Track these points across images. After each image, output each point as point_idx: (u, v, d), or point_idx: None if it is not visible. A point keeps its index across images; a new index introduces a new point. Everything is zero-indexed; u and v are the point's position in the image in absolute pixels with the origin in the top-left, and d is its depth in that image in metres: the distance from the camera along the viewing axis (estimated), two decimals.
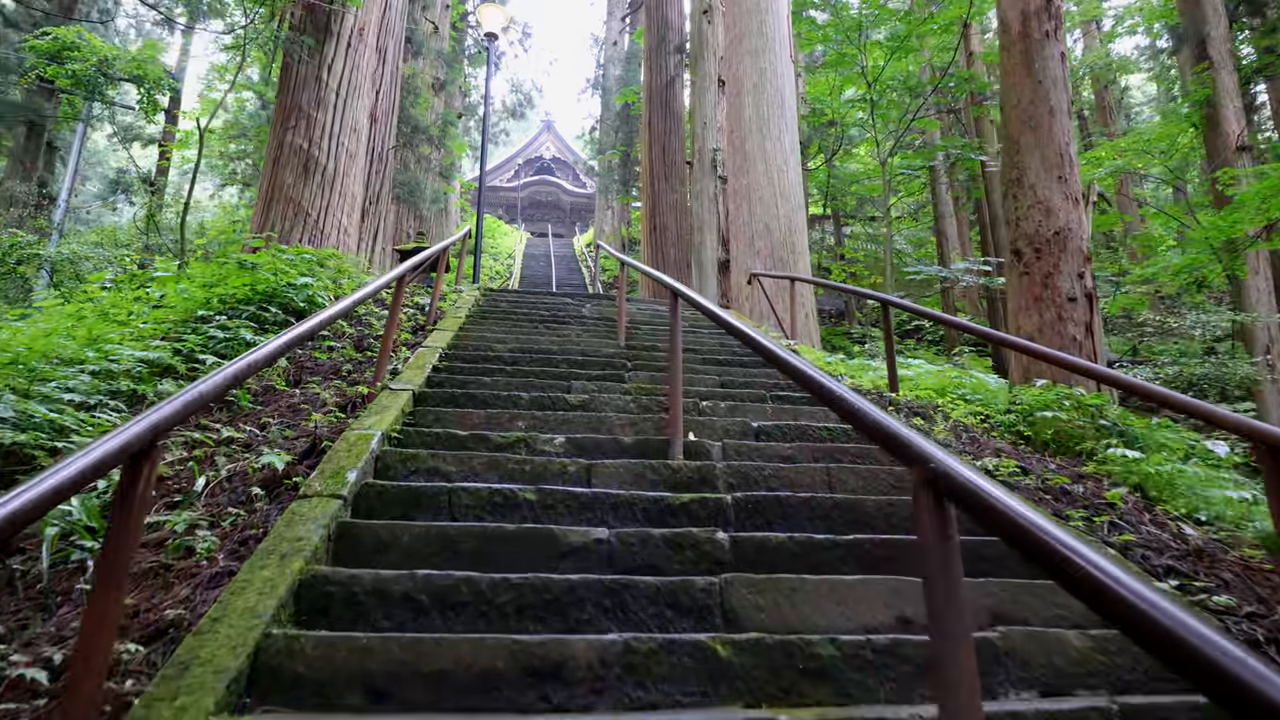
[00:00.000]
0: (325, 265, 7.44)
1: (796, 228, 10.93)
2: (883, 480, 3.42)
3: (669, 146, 16.82)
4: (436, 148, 16.91)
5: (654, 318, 7.29)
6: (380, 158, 12.73)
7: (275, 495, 2.99)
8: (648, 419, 3.96)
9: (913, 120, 15.95)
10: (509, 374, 4.70)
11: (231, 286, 6.27)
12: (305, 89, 9.14)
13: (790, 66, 11.95)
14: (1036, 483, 3.52)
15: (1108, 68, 23.58)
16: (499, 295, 7.76)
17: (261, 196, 8.89)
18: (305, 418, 4.10)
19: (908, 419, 4.50)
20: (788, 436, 3.99)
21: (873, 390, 5.24)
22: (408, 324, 6.12)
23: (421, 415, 3.81)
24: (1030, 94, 6.40)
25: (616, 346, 5.67)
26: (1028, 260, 6.08)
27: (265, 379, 4.87)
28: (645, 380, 4.83)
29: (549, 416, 3.87)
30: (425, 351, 4.99)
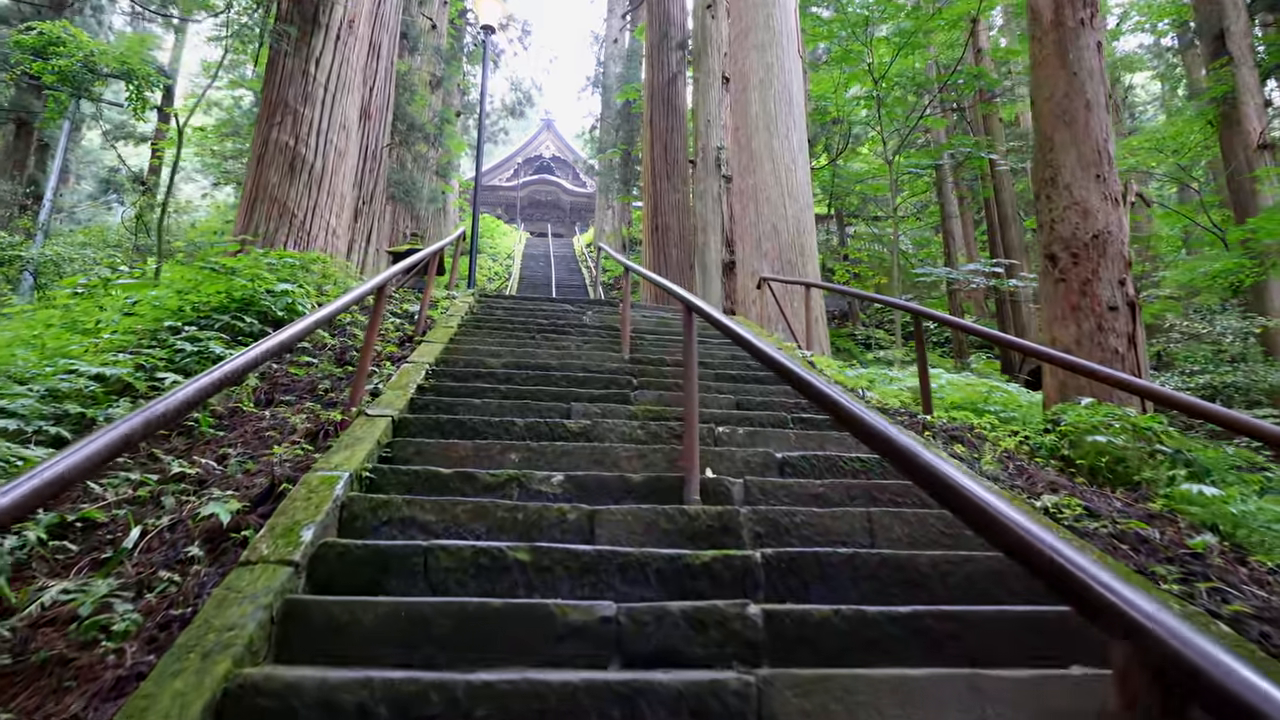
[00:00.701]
0: (310, 270, 6.94)
1: (805, 228, 10.43)
2: (932, 527, 2.93)
3: (671, 145, 16.31)
4: (433, 146, 16.39)
5: (659, 326, 6.79)
6: (374, 156, 12.23)
7: (218, 554, 2.49)
8: (658, 450, 3.46)
9: (920, 118, 15.45)
10: (502, 394, 4.20)
11: (205, 294, 5.78)
12: (292, 83, 8.63)
13: (798, 61, 11.44)
14: (1108, 528, 3.02)
15: (1114, 65, 23.07)
16: (494, 301, 7.26)
17: (245, 197, 8.38)
18: (271, 447, 3.61)
19: (946, 446, 4.01)
20: (817, 470, 3.49)
21: (902, 410, 4.75)
22: (395, 334, 5.62)
23: (400, 448, 3.31)
24: (1065, 87, 5.90)
25: (621, 360, 5.18)
26: (1064, 266, 5.58)
27: (234, 397, 4.38)
28: (653, 401, 4.33)
29: (546, 448, 3.37)
30: (410, 368, 4.49)
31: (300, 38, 8.68)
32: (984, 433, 4.50)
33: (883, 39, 15.99)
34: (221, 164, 19.17)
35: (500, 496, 2.97)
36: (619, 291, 20.59)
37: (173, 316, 5.66)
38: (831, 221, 23.01)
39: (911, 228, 25.39)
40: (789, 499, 3.13)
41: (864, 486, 3.25)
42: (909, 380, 6.85)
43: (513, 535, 2.66)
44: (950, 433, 4.24)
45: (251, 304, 5.79)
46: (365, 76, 12.13)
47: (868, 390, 5.52)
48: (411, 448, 3.30)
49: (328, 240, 8.33)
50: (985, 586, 2.57)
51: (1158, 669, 0.78)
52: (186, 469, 3.25)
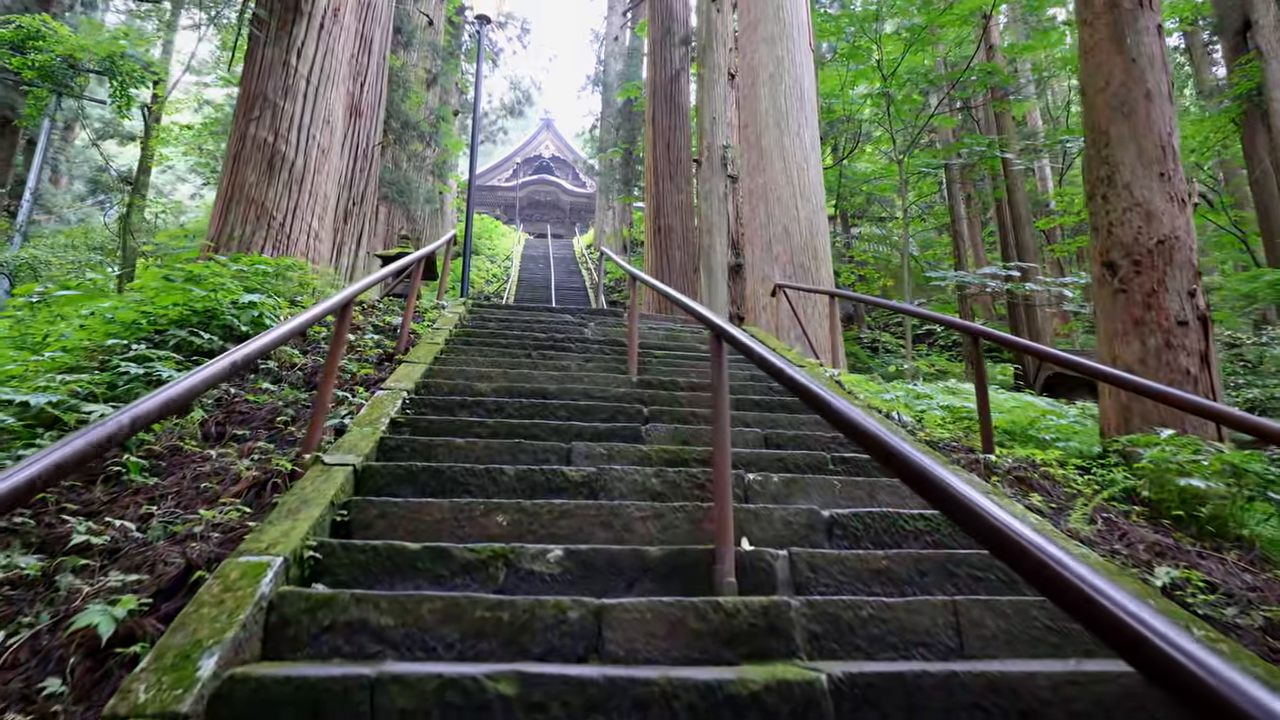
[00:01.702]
0: (286, 277, 6.27)
1: (818, 230, 9.76)
2: (1033, 621, 2.26)
3: (674, 144, 15.62)
4: (429, 145, 15.71)
5: (668, 340, 6.11)
6: (365, 155, 11.55)
7: (94, 684, 1.83)
8: (679, 509, 2.78)
9: (931, 116, 14.78)
10: (491, 430, 3.53)
11: (161, 306, 5.10)
12: (271, 75, 7.95)
13: (810, 55, 10.77)
14: (1253, 617, 2.36)
15: None
16: (488, 312, 6.58)
17: (220, 197, 7.70)
18: (206, 504, 2.94)
19: (1019, 496, 3.33)
20: (873, 533, 2.82)
21: (955, 444, 4.07)
22: (373, 350, 4.94)
23: (360, 510, 2.63)
24: (1122, 75, 5.23)
25: (628, 384, 4.50)
26: (1124, 275, 4.91)
27: (177, 431, 3.71)
28: (668, 436, 3.66)
29: (541, 508, 2.70)
30: (385, 396, 3.81)
31: (280, 26, 8.00)
32: (1050, 469, 3.83)
33: (890, 35, 15.33)
34: (212, 164, 18.48)
35: (481, 582, 2.30)
36: (620, 294, 19.89)
37: (127, 331, 5.00)
38: (836, 223, 22.35)
39: (917, 229, 24.74)
40: (847, 578, 2.46)
41: (936, 559, 2.58)
42: (942, 398, 6.20)
43: (496, 644, 1.99)
44: (1016, 474, 3.57)
45: (215, 317, 5.12)
46: (355, 71, 11.45)
47: (907, 416, 4.85)
48: (374, 509, 2.62)
49: (309, 244, 7.65)
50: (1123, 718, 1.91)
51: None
52: (94, 536, 2.59)
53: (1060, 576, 1.00)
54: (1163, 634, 0.82)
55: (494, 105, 27.45)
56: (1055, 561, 1.03)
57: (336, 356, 3.12)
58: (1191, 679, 0.76)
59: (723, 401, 2.56)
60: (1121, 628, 0.87)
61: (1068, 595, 0.98)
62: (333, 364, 3.09)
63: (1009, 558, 1.11)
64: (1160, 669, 0.81)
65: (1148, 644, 0.83)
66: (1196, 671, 0.76)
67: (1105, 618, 0.90)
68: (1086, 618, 0.94)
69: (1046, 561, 1.04)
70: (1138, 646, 0.84)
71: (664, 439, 3.64)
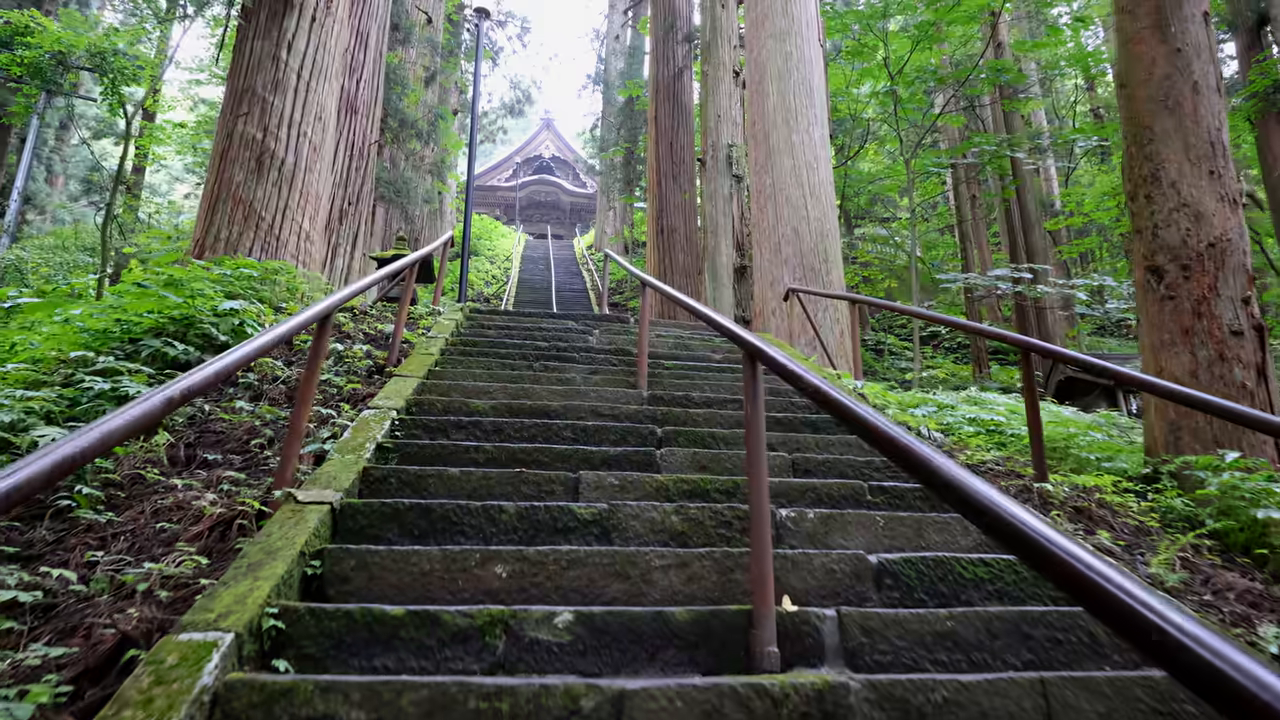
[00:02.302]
0: (273, 281, 5.88)
1: (828, 231, 9.39)
2: (1140, 704, 1.87)
3: (677, 143, 15.24)
4: (426, 143, 15.30)
5: (678, 349, 5.71)
6: (361, 153, 11.17)
7: None
8: (705, 556, 2.40)
9: (940, 115, 14.40)
10: (489, 456, 3.14)
11: (136, 314, 4.72)
12: (260, 70, 7.55)
13: (819, 51, 10.38)
14: None
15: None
16: (486, 318, 6.17)
17: (206, 197, 7.31)
18: (164, 545, 2.56)
19: (1086, 533, 2.95)
20: (928, 583, 2.43)
21: (997, 466, 3.68)
22: (362, 363, 4.55)
23: (335, 563, 2.24)
24: (1165, 65, 4.84)
25: (638, 400, 4.11)
26: (1172, 281, 4.53)
27: (143, 456, 3.32)
28: (687, 463, 3.27)
29: (547, 556, 2.31)
30: (372, 416, 3.42)
31: (270, 18, 7.61)
32: (1104, 497, 3.44)
33: (895, 33, 14.95)
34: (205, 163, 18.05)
35: (477, 654, 1.91)
36: (622, 295, 19.50)
37: (98, 341, 4.61)
38: (839, 223, 21.97)
39: (920, 230, 24.38)
40: (907, 644, 2.07)
41: (1008, 619, 2.19)
42: (965, 409, 5.82)
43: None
44: (1077, 505, 3.18)
45: (192, 325, 4.73)
46: (351, 67, 11.07)
47: (936, 432, 4.47)
48: (352, 559, 2.23)
49: (300, 246, 7.26)
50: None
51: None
52: (26, 591, 2.20)
53: (1205, 662, 0.70)
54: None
55: (494, 105, 27.06)
56: (1192, 638, 0.71)
57: (314, 376, 2.73)
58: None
59: (758, 436, 2.17)
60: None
61: (1216, 686, 0.65)
62: (309, 386, 2.71)
63: (1117, 622, 0.80)
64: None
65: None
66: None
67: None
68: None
69: (1183, 642, 0.72)
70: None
71: (682, 465, 3.25)
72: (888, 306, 7.08)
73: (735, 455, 3.33)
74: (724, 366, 5.16)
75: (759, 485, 2.11)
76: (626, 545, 2.51)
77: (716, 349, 5.65)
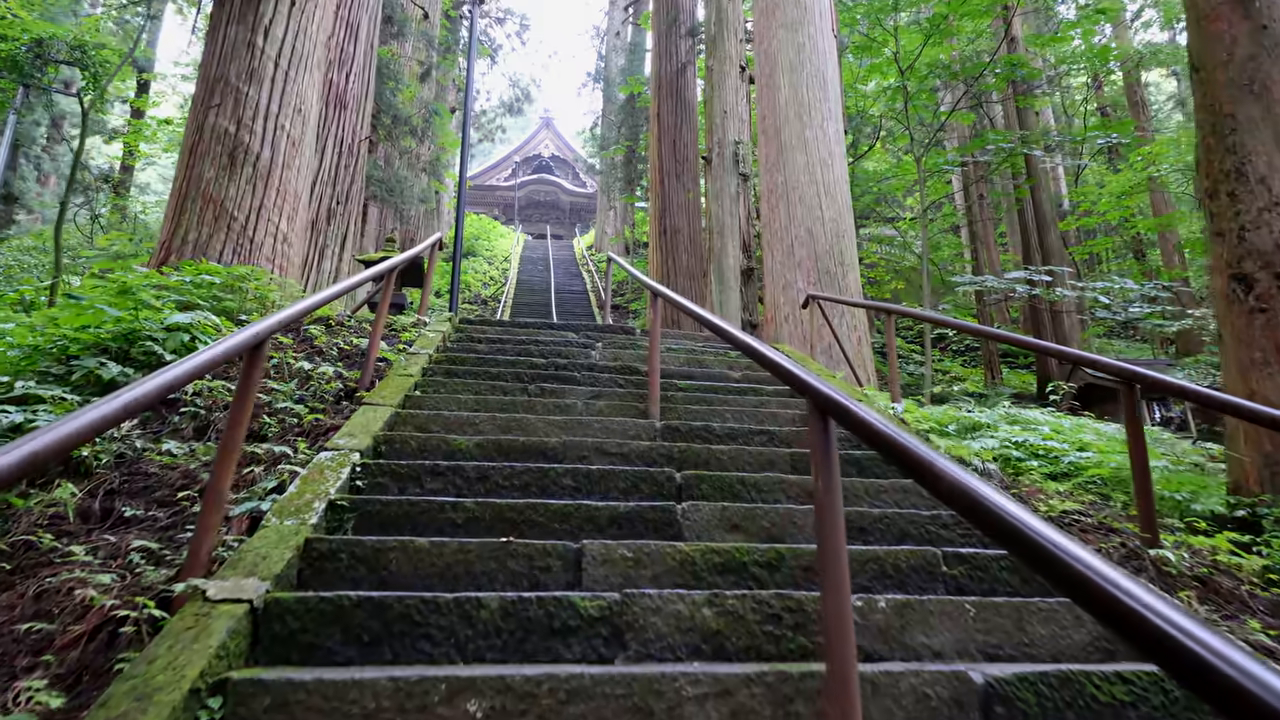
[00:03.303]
0: (238, 289, 5.22)
1: (844, 232, 8.74)
2: None
3: (680, 140, 14.58)
4: (421, 140, 14.64)
5: (691, 365, 5.04)
6: (351, 150, 10.50)
7: None
8: (755, 681, 1.74)
9: (952, 112, 13.75)
10: (468, 516, 2.49)
11: (73, 329, 4.06)
12: (234, 57, 6.89)
13: (833, 42, 9.73)
14: None
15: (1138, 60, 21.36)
16: (477, 331, 5.49)
17: (174, 196, 6.65)
18: (34, 651, 1.91)
19: (1227, 619, 2.30)
20: (1053, 713, 1.78)
21: (1099, 522, 3.03)
22: (331, 385, 3.90)
23: (239, 704, 1.58)
24: (1249, 44, 4.20)
25: (650, 432, 3.46)
26: (1264, 291, 3.88)
27: (45, 511, 2.67)
28: (715, 520, 2.61)
29: (538, 686, 1.65)
30: (327, 462, 2.77)
31: (245, 2, 6.95)
32: (1218, 558, 2.80)
33: (905, 28, 14.30)
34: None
35: None
36: (623, 297, 18.82)
37: (29, 361, 3.97)
38: None
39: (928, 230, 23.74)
40: None
41: None
42: (1005, 428, 5.19)
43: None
44: (1195, 575, 2.54)
45: (136, 341, 4.08)
46: (340, 60, 10.41)
47: (991, 465, 3.83)
48: (265, 699, 1.57)
49: (276, 248, 6.60)
50: None
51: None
52: None
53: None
54: None
55: (492, 103, 26.38)
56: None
57: (240, 425, 2.08)
58: None
59: (833, 524, 1.52)
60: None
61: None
62: (232, 436, 2.05)
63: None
64: None
65: None
66: None
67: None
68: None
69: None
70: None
71: (709, 525, 2.60)
72: (931, 319, 6.39)
73: (773, 510, 2.68)
74: (745, 387, 4.50)
75: (837, 596, 1.46)
76: (646, 659, 1.86)
77: (734, 364, 4.99)
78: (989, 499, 1.07)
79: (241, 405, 2.09)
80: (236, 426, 2.08)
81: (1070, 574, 0.87)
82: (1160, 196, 18.82)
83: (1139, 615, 0.77)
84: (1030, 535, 0.96)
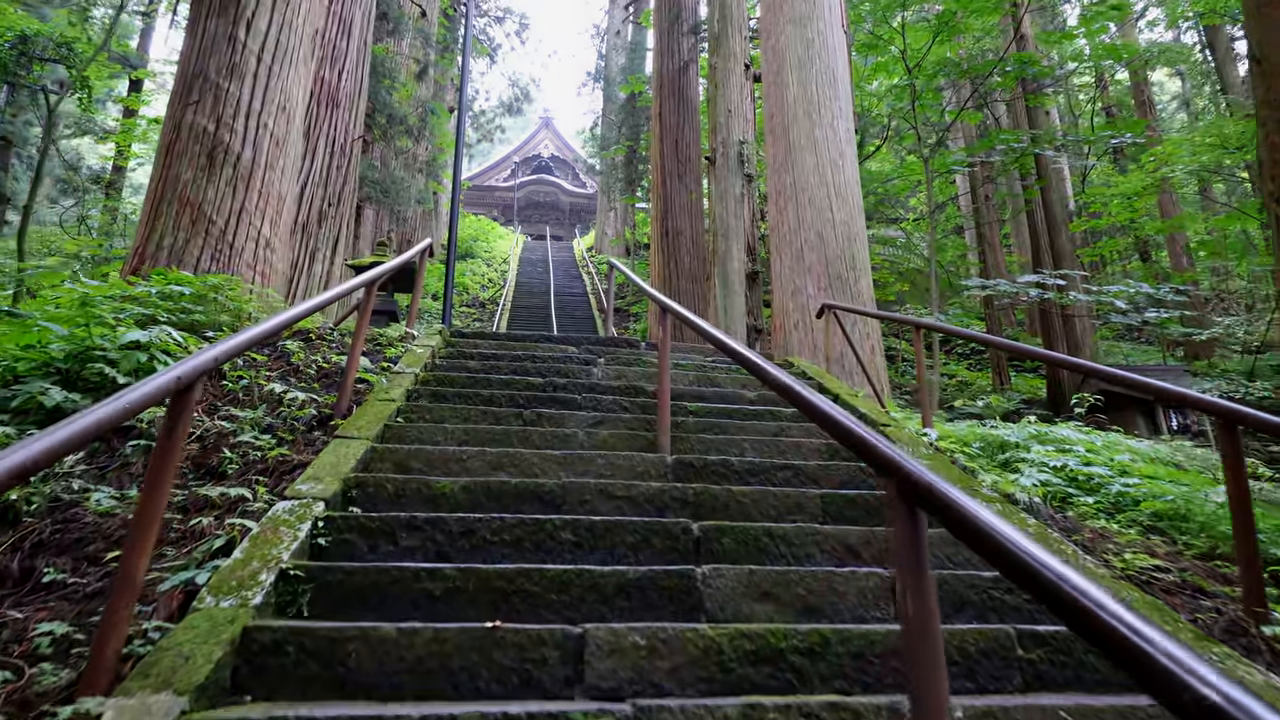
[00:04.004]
0: (211, 300, 4.78)
1: (856, 235, 8.31)
2: None
3: (683, 140, 14.15)
4: (418, 140, 14.21)
5: (700, 384, 4.61)
6: (343, 150, 10.06)
7: None
8: None
9: (961, 111, 13.32)
10: (447, 587, 2.06)
11: (14, 349, 3.64)
12: (214, 52, 6.47)
13: (844, 38, 9.30)
14: None
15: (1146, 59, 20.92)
16: (469, 345, 5.04)
17: (149, 199, 6.23)
18: None
19: None
20: None
21: (1183, 580, 2.60)
22: (304, 412, 3.47)
23: None
24: None
25: (660, 468, 3.03)
26: None
27: None
28: (742, 588, 2.19)
29: None
30: (284, 516, 2.34)
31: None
32: None
33: (914, 26, 13.88)
34: None
35: None
36: (622, 300, 18.39)
37: None
38: None
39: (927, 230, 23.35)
40: None
41: None
42: (1038, 449, 4.77)
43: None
44: None
45: (88, 363, 3.65)
46: (332, 57, 9.97)
47: (1038, 500, 3.41)
48: None
49: (258, 254, 6.17)
50: None
51: None
52: None
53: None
54: None
55: (491, 103, 25.95)
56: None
57: (159, 489, 1.65)
58: None
59: (932, 658, 1.10)
60: None
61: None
62: (150, 506, 1.63)
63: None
64: None
65: None
66: None
67: None
68: None
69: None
70: None
71: (735, 593, 2.17)
72: (971, 337, 5.89)
73: (809, 575, 2.25)
74: (761, 410, 4.07)
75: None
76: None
77: (748, 383, 4.55)
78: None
79: (162, 467, 1.66)
80: (155, 491, 1.65)
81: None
82: (1168, 198, 18.42)
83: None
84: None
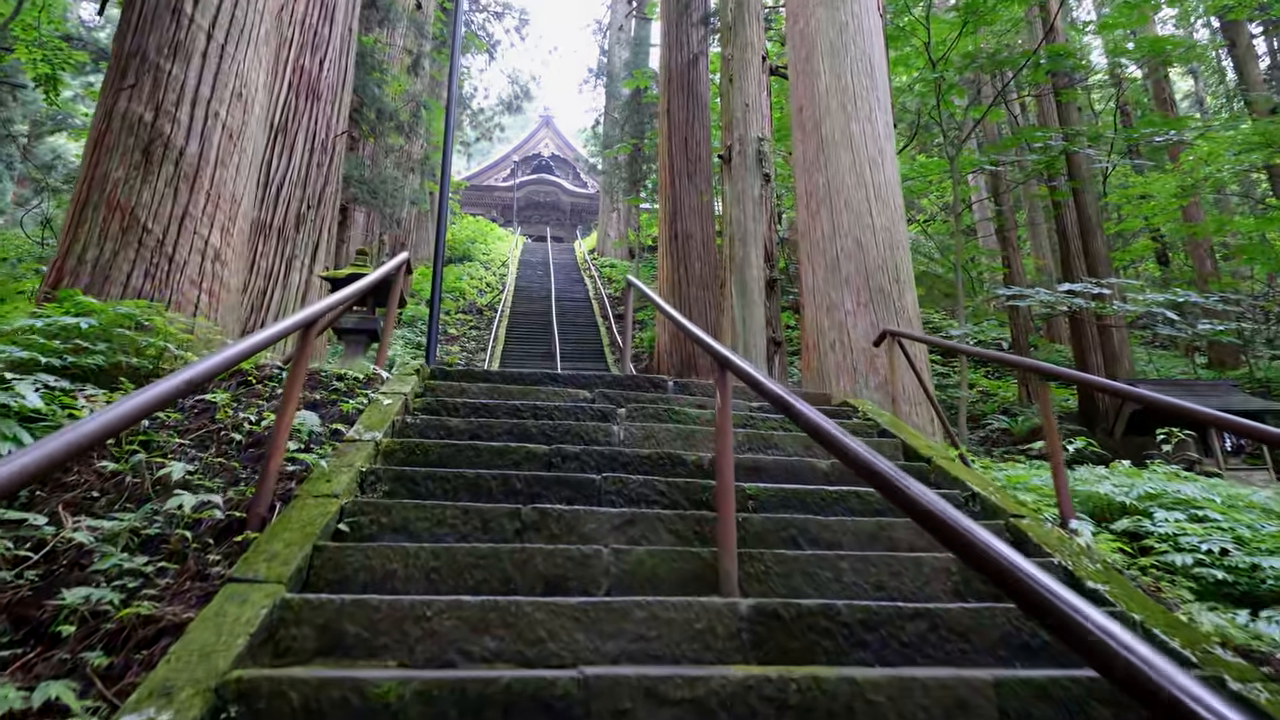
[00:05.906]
0: (120, 337, 3.66)
1: (898, 243, 7.22)
2: None
3: (692, 138, 13.03)
4: (411, 137, 13.07)
5: (754, 445, 3.45)
6: (324, 147, 8.91)
7: None
8: None
9: (990, 107, 12.22)
10: None
11: None
12: (155, 27, 5.35)
13: (880, 21, 8.19)
14: None
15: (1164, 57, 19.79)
16: (452, 396, 3.84)
17: (73, 202, 5.11)
18: None
19: None
20: None
21: None
22: (201, 514, 2.36)
23: None
24: None
25: (731, 633, 1.93)
26: None
27: None
28: None
29: None
30: None
31: None
32: None
33: (938, 17, 12.79)
34: None
35: None
36: (614, 287, 17.25)
37: None
38: None
39: (937, 232, 22.33)
40: None
41: None
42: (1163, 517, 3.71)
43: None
44: None
45: None
46: (313, 43, 8.81)
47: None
48: None
49: (204, 268, 5.05)
50: None
51: None
52: None
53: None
54: None
55: (491, 101, 24.79)
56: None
57: None
58: None
59: None
60: None
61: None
62: None
63: None
64: None
65: None
66: None
67: None
68: None
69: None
70: None
71: None
72: (1080, 379, 4.53)
73: None
74: (845, 492, 2.94)
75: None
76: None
77: (810, 447, 3.43)
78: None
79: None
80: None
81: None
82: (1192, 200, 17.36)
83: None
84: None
